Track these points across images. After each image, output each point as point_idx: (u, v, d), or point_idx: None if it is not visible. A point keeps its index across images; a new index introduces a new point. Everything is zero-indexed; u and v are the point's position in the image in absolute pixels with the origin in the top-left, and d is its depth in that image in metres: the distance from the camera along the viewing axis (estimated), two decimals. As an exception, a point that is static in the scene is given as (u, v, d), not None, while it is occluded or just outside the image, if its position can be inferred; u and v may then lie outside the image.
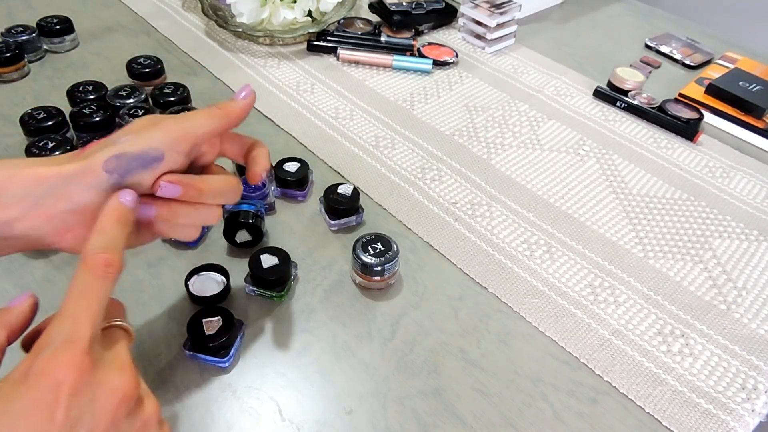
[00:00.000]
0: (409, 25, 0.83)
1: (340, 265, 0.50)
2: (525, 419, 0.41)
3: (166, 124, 0.36)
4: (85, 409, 0.26)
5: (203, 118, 0.37)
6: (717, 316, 0.49)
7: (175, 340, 0.44)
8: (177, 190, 0.35)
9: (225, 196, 0.39)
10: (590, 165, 0.64)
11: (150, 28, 0.82)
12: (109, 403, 0.27)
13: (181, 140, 0.35)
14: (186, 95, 0.65)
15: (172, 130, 0.35)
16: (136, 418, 0.29)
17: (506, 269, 0.51)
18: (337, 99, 0.70)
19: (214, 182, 0.38)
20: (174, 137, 0.35)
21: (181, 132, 0.35)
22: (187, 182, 0.36)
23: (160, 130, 0.35)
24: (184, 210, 0.37)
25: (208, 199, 0.38)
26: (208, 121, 0.37)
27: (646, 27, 0.92)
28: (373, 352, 0.44)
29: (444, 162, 0.62)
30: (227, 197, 0.39)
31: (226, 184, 0.39)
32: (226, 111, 0.38)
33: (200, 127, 0.37)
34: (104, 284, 0.29)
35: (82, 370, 0.26)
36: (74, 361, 0.26)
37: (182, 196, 0.36)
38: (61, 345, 0.27)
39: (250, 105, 0.40)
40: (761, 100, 0.71)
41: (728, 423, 0.41)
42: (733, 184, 0.63)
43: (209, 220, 0.39)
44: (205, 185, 0.37)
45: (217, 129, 0.38)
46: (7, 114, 0.64)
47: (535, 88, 0.75)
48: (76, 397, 0.26)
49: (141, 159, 0.34)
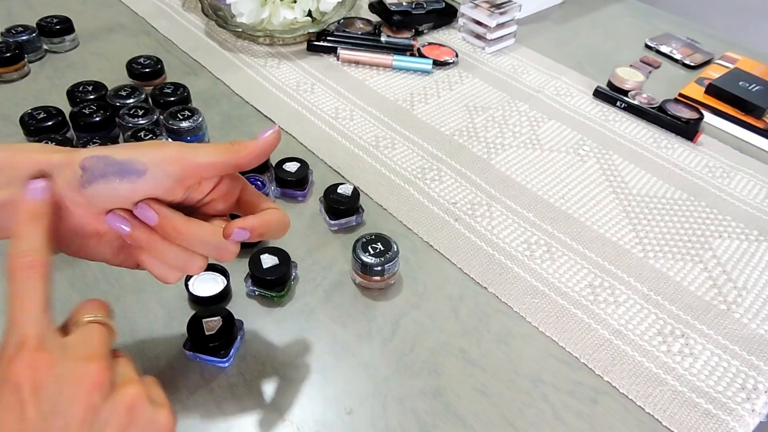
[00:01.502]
0: (409, 25, 0.83)
1: (340, 265, 0.50)
2: (525, 419, 0.41)
3: (167, 145, 0.34)
4: (55, 401, 0.27)
5: (207, 148, 0.34)
6: (717, 316, 0.49)
7: (175, 340, 0.44)
8: (152, 217, 0.33)
9: (210, 250, 0.35)
10: (590, 165, 0.64)
11: (150, 28, 0.82)
12: (78, 391, 0.28)
13: (173, 163, 0.33)
14: (186, 95, 0.65)
15: (167, 151, 0.33)
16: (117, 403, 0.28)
17: (506, 269, 0.51)
18: (337, 99, 0.70)
19: (199, 229, 0.34)
20: (165, 158, 0.33)
21: (175, 155, 0.33)
22: (165, 214, 0.33)
23: (155, 149, 0.33)
24: (163, 246, 0.34)
25: (189, 245, 0.35)
26: (210, 152, 0.34)
27: (646, 27, 0.92)
28: (373, 352, 0.44)
29: (444, 162, 0.62)
30: (213, 253, 0.35)
31: (214, 238, 0.35)
32: (236, 146, 0.34)
33: (199, 157, 0.33)
34: (34, 285, 0.29)
35: (36, 367, 0.27)
36: (26, 360, 0.27)
37: (158, 228, 0.34)
38: (12, 350, 0.28)
39: (268, 145, 0.35)
40: (761, 100, 0.71)
41: (728, 423, 0.41)
42: (733, 184, 0.63)
43: (187, 267, 0.35)
44: (186, 228, 0.34)
45: (221, 163, 0.34)
46: (7, 114, 0.64)
47: (535, 88, 0.75)
48: (40, 392, 0.27)
49: (120, 166, 0.32)
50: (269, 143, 0.35)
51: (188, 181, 0.34)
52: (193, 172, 0.34)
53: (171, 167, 0.33)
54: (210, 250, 0.35)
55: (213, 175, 0.35)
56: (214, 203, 0.37)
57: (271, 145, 0.35)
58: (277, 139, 0.36)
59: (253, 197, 0.39)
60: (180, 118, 0.59)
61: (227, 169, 0.35)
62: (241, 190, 0.38)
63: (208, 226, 0.35)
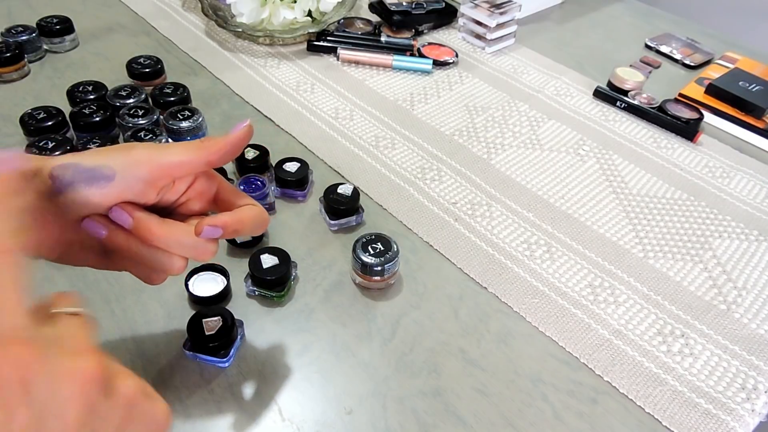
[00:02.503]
0: (409, 25, 0.83)
1: (340, 265, 0.50)
2: (525, 419, 0.41)
3: (136, 148, 0.33)
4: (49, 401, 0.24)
5: (177, 148, 0.34)
6: (717, 316, 0.49)
7: (175, 340, 0.44)
8: (126, 219, 0.33)
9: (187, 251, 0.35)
10: (590, 165, 0.64)
11: (150, 28, 0.82)
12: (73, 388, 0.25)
13: (142, 165, 0.33)
14: (186, 95, 0.65)
15: (135, 154, 0.33)
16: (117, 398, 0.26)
17: (506, 269, 0.51)
18: (337, 99, 0.70)
19: (173, 230, 0.34)
20: (133, 161, 0.33)
21: (144, 158, 0.33)
22: (138, 217, 0.33)
23: (123, 153, 0.33)
24: (141, 249, 0.34)
25: (167, 246, 0.34)
26: (180, 151, 0.34)
27: (646, 27, 0.92)
28: (373, 352, 0.44)
29: (444, 162, 0.62)
30: (190, 253, 0.35)
31: (189, 238, 0.34)
32: (206, 143, 0.34)
33: (168, 156, 0.33)
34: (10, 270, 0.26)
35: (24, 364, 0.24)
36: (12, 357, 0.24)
37: (134, 230, 0.33)
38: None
39: (240, 140, 0.35)
40: (761, 100, 0.71)
41: (728, 423, 0.41)
42: (733, 184, 0.63)
43: (167, 268, 0.35)
44: (160, 230, 0.34)
45: (191, 162, 0.34)
46: (7, 114, 0.64)
47: (535, 88, 0.75)
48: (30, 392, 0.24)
49: (89, 173, 0.32)
50: (240, 138, 0.35)
51: (160, 182, 0.34)
52: (163, 173, 0.34)
53: (140, 170, 0.33)
54: (187, 250, 0.35)
55: (184, 174, 0.35)
56: (190, 203, 0.37)
57: (242, 140, 0.35)
58: (248, 134, 0.35)
59: (229, 195, 0.38)
60: (180, 118, 0.59)
61: (199, 166, 0.34)
62: (218, 188, 0.38)
63: (182, 226, 0.35)
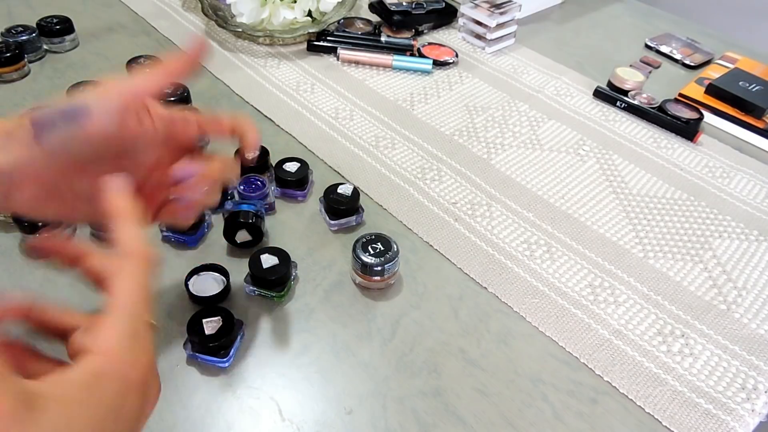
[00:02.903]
0: (409, 25, 0.83)
1: (340, 265, 0.50)
2: (525, 419, 0.41)
3: (103, 84, 0.36)
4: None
5: (141, 74, 0.38)
6: (717, 316, 0.49)
7: (175, 340, 0.44)
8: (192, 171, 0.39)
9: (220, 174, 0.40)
10: (590, 165, 0.64)
11: (150, 28, 0.82)
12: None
13: (113, 96, 0.35)
14: (186, 95, 0.65)
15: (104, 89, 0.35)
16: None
17: (506, 269, 0.51)
18: (337, 99, 0.70)
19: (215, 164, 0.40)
20: (104, 94, 0.35)
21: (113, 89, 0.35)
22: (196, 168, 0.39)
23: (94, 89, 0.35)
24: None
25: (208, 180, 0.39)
26: (144, 75, 0.37)
27: (646, 27, 0.92)
28: (373, 352, 0.44)
29: (444, 162, 0.62)
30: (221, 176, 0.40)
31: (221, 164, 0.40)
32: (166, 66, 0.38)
33: (134, 81, 0.37)
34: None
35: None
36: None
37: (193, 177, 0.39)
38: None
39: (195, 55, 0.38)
40: (761, 100, 0.71)
41: (728, 423, 0.41)
42: (733, 184, 0.63)
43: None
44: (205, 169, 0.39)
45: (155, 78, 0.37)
46: (7, 114, 0.64)
47: (535, 88, 0.75)
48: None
49: (65, 112, 0.34)
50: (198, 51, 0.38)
51: (133, 107, 0.36)
52: (134, 97, 0.36)
53: (112, 100, 0.35)
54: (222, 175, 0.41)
55: (151, 92, 0.37)
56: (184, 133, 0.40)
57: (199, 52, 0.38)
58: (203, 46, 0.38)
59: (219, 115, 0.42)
60: (180, 118, 0.59)
61: (162, 84, 0.37)
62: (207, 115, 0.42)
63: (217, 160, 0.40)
